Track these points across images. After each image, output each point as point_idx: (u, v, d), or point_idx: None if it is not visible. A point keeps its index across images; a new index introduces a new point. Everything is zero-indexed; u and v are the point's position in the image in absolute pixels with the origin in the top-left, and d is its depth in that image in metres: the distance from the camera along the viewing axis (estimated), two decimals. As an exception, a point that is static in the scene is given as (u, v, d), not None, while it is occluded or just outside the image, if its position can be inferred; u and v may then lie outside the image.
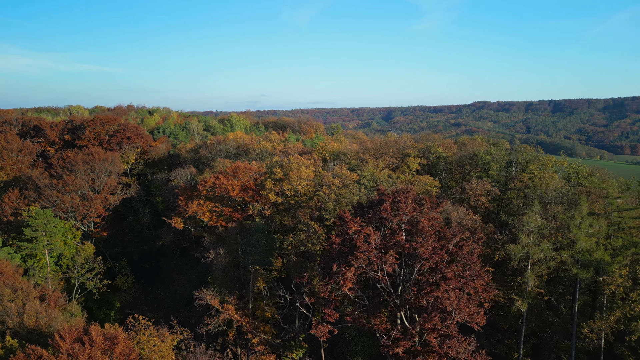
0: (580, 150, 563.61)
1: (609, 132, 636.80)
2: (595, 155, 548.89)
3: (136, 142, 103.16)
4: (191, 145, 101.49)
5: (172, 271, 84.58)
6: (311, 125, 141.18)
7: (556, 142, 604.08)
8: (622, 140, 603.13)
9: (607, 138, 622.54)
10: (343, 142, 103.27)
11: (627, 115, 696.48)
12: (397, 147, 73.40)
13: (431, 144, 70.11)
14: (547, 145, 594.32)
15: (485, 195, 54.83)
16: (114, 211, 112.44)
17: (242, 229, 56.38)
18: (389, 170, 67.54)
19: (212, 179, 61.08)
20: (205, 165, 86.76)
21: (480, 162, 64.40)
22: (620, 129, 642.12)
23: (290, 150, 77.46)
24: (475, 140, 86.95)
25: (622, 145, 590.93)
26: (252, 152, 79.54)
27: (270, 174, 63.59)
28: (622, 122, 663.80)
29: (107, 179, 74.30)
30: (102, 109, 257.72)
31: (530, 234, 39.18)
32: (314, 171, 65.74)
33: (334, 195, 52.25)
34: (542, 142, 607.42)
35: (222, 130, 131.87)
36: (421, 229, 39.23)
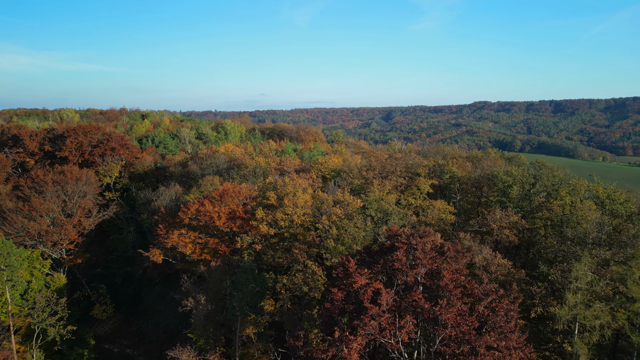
0: (583, 151, 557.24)
1: (610, 133, 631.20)
2: (597, 156, 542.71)
3: (120, 154, 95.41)
4: (180, 158, 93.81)
5: (156, 298, 76.93)
6: (310, 132, 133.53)
7: (558, 143, 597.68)
8: (624, 141, 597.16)
9: (609, 139, 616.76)
10: (344, 153, 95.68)
11: (628, 115, 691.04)
12: (405, 165, 65.79)
13: (444, 162, 62.44)
14: (549, 146, 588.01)
15: (510, 228, 47.27)
16: (98, 227, 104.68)
17: (229, 266, 48.78)
18: (397, 192, 59.96)
19: (196, 205, 53.43)
20: (194, 181, 79.17)
21: (500, 184, 56.81)
22: (622, 129, 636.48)
23: (286, 167, 69.84)
24: (489, 154, 79.31)
25: (624, 147, 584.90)
26: (244, 169, 71.90)
27: (263, 198, 55.97)
28: (624, 123, 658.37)
29: (81, 201, 66.60)
30: (94, 112, 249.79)
31: (578, 291, 31.74)
32: (313, 193, 58.13)
33: (335, 230, 44.64)
34: (543, 143, 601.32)
35: (215, 139, 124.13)
36: (444, 285, 31.66)
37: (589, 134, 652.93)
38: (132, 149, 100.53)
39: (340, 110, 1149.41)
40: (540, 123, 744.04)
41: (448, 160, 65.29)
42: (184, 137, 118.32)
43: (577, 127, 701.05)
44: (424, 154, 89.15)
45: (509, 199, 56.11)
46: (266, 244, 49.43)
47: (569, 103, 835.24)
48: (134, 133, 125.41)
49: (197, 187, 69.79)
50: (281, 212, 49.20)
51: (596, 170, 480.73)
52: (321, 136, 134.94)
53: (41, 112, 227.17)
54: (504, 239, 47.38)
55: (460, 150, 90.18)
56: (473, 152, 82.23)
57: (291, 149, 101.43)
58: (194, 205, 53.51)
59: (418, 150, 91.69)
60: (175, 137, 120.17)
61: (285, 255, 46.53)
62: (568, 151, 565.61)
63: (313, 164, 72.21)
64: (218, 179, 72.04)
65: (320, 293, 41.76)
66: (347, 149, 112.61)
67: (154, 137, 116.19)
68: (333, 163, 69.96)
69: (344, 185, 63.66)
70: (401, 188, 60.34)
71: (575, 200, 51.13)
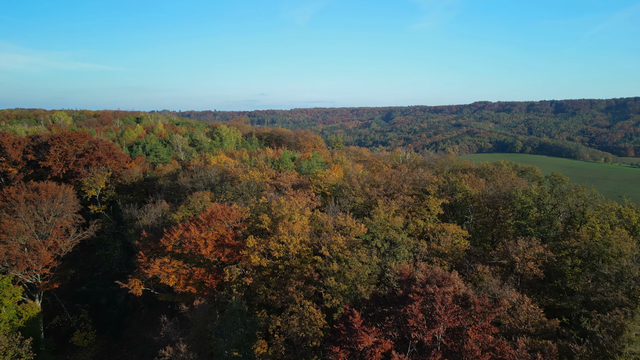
0: (584, 152, 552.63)
1: (612, 134, 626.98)
2: (599, 157, 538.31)
3: (107, 164, 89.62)
4: (170, 168, 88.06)
5: (142, 323, 71.29)
6: (309, 137, 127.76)
7: (559, 144, 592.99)
8: (626, 142, 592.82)
9: (610, 139, 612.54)
10: (345, 163, 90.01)
11: (630, 116, 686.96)
12: (412, 181, 60.11)
13: (455, 179, 56.72)
14: (551, 147, 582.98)
15: (535, 260, 41.61)
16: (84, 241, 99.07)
17: (215, 302, 43.11)
18: (404, 212, 54.29)
19: (180, 230, 47.73)
20: (184, 194, 73.46)
21: (518, 205, 51.13)
22: (623, 130, 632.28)
23: (283, 183, 64.11)
24: (501, 167, 73.62)
25: (626, 147, 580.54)
26: (237, 183, 66.16)
27: (255, 221, 50.29)
28: (625, 124, 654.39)
29: (58, 221, 60.85)
30: (88, 114, 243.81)
31: (631, 355, 26.18)
32: (312, 214, 52.45)
33: (336, 264, 38.92)
34: (545, 144, 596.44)
35: (209, 145, 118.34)
36: (469, 350, 26.02)
37: (590, 135, 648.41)
38: (120, 158, 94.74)
39: (340, 110, 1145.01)
40: (541, 123, 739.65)
41: (459, 177, 59.61)
42: (176, 144, 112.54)
43: (578, 127, 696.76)
44: (430, 164, 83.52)
45: (528, 221, 50.44)
46: (258, 276, 43.74)
47: (569, 103, 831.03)
48: (125, 139, 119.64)
49: (185, 204, 64.09)
50: (275, 241, 43.51)
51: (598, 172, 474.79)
52: (320, 142, 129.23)
53: (33, 115, 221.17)
54: (527, 272, 41.72)
55: (468, 162, 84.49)
56: (484, 163, 76.57)
57: (288, 158, 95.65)
58: (178, 231, 47.80)
59: (423, 160, 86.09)
60: (167, 144, 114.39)
61: (279, 292, 40.83)
62: (570, 152, 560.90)
63: (312, 178, 66.53)
64: (209, 194, 66.37)
65: (319, 340, 36.10)
66: (348, 158, 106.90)
67: (145, 144, 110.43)
68: (333, 178, 64.25)
69: (345, 204, 58.00)
70: (409, 208, 54.63)
71: (605, 227, 45.53)
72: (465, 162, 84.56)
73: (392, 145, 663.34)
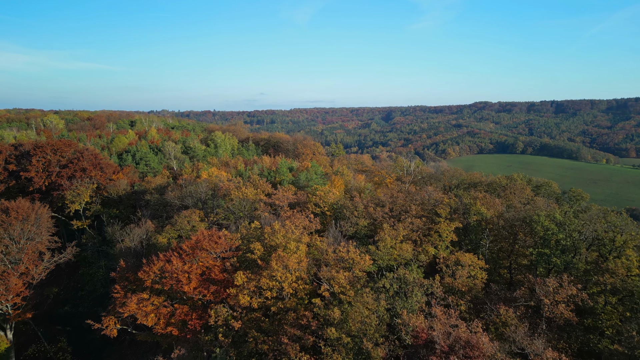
0: (586, 153, 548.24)
1: (613, 135, 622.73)
2: (600, 158, 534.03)
3: (92, 175, 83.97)
4: (160, 180, 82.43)
5: (125, 354, 65.72)
6: (308, 144, 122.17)
7: (560, 145, 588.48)
8: (627, 143, 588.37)
9: (611, 140, 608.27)
10: (346, 174, 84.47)
11: (631, 116, 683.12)
12: (420, 201, 54.57)
13: (469, 200, 51.17)
14: (552, 148, 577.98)
15: (566, 303, 36.13)
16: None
17: (200, 347, 37.58)
18: (413, 236, 48.80)
19: (161, 263, 42.17)
20: (172, 210, 67.91)
21: (540, 231, 45.61)
22: (624, 131, 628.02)
23: (279, 201, 58.51)
24: (515, 182, 68.07)
25: (628, 148, 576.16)
26: (228, 201, 60.58)
27: (246, 251, 44.77)
28: (627, 124, 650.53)
29: (30, 244, 55.30)
30: (82, 117, 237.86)
31: None
32: (310, 241, 46.95)
33: (337, 312, 33.35)
34: (546, 145, 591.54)
35: (203, 153, 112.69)
36: None
37: (591, 135, 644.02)
38: (107, 168, 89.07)
39: (339, 110, 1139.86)
40: (541, 124, 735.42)
41: (473, 196, 54.04)
42: (168, 152, 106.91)
43: (579, 128, 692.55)
44: (437, 177, 78.01)
45: (552, 250, 44.93)
46: (248, 318, 38.19)
47: (570, 103, 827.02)
48: (115, 147, 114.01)
49: (172, 225, 58.54)
50: (267, 277, 37.95)
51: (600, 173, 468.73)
52: (320, 149, 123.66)
53: (24, 118, 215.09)
54: (557, 316, 36.21)
55: (478, 174, 79.02)
56: (496, 178, 71.04)
57: (286, 168, 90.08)
58: (158, 262, 42.22)
59: (430, 172, 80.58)
60: (159, 152, 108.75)
61: (271, 339, 35.27)
62: (571, 153, 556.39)
63: (310, 194, 60.97)
64: (198, 214, 60.83)
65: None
66: (349, 168, 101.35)
67: (135, 153, 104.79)
68: (333, 196, 58.69)
69: (347, 226, 52.47)
70: (418, 233, 49.09)
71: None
72: (475, 175, 79.08)
73: (392, 146, 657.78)
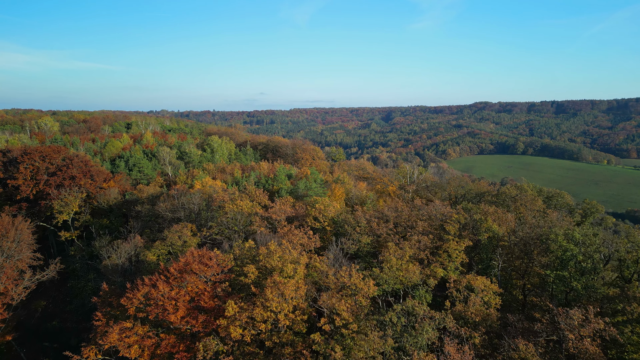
0: (587, 154, 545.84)
1: (614, 135, 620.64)
2: (602, 159, 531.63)
3: (81, 184, 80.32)
4: (152, 190, 78.82)
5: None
6: (307, 149, 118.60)
7: (561, 145, 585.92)
8: (628, 144, 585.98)
9: (612, 141, 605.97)
10: (346, 182, 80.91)
11: (631, 117, 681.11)
12: (427, 216, 50.99)
13: (480, 216, 47.59)
14: (552, 148, 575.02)
15: (592, 338, 32.58)
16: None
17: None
18: (421, 255, 45.25)
19: (146, 288, 38.57)
20: (164, 223, 64.30)
21: (558, 251, 42.07)
22: (625, 131, 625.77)
23: (275, 215, 54.88)
24: (525, 192, 64.46)
25: (629, 149, 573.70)
26: (222, 215, 56.96)
27: (238, 274, 41.23)
28: (627, 125, 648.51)
29: (9, 263, 51.70)
30: (78, 119, 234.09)
31: None
32: (308, 262, 43.41)
33: (339, 351, 29.74)
34: (546, 145, 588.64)
35: (199, 159, 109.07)
36: None
37: (592, 136, 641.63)
38: (98, 175, 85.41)
39: (339, 110, 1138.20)
40: (542, 124, 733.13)
41: (483, 210, 50.48)
42: (163, 158, 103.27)
43: (580, 128, 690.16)
44: (442, 185, 74.46)
45: (572, 274, 41.39)
46: (240, 352, 34.59)
47: (570, 104, 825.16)
48: (108, 152, 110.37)
49: (161, 240, 54.95)
50: (261, 308, 34.37)
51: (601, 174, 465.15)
52: (319, 153, 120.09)
53: (19, 120, 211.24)
54: (582, 351, 32.65)
55: (485, 182, 75.53)
56: (505, 188, 67.50)
57: (284, 175, 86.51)
58: (143, 288, 38.61)
59: (435, 180, 76.99)
60: (153, 158, 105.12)
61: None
62: (572, 154, 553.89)
63: (309, 207, 57.38)
64: (190, 228, 57.23)
65: None
66: (350, 174, 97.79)
67: (128, 158, 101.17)
68: (334, 209, 55.10)
69: (348, 244, 48.92)
70: (426, 252, 45.51)
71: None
72: (482, 184, 75.53)
73: (392, 147, 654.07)
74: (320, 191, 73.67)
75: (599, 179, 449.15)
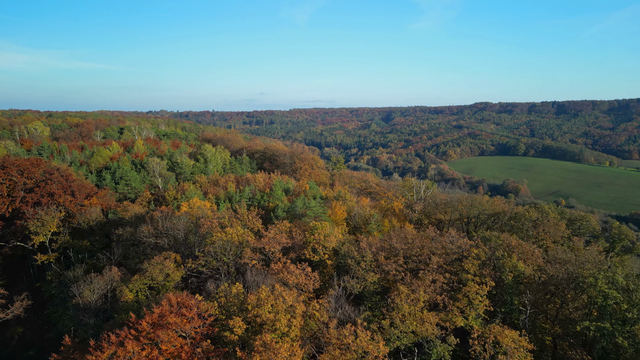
0: (589, 155, 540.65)
1: (615, 136, 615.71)
2: (604, 161, 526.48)
3: (60, 202, 73.91)
4: (137, 209, 72.45)
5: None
6: (306, 158, 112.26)
7: (563, 147, 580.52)
8: (630, 145, 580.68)
9: (614, 142, 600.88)
10: (348, 199, 74.59)
11: (633, 117, 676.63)
12: (442, 249, 44.69)
13: (503, 253, 41.27)
14: (554, 150, 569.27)
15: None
16: (35, 292, 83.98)
17: None
18: (437, 299, 38.96)
19: (112, 348, 32.24)
20: (148, 249, 57.91)
21: (599, 298, 35.79)
22: (627, 132, 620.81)
23: (269, 247, 48.48)
24: (547, 215, 58.07)
25: (630, 150, 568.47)
26: (209, 244, 50.59)
27: (223, 328, 34.91)
28: (629, 125, 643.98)
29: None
30: (70, 122, 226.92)
31: None
32: (305, 312, 37.10)
33: None
34: (548, 147, 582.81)
35: (190, 171, 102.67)
36: None
37: (593, 137, 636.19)
38: (80, 191, 78.98)
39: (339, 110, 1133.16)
40: (543, 125, 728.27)
41: (505, 242, 44.16)
42: (152, 170, 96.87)
43: (581, 129, 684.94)
44: (453, 204, 68.16)
45: (614, 326, 35.11)
46: None
47: (571, 104, 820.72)
48: (94, 162, 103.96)
49: (141, 274, 48.60)
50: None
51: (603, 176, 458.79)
52: (319, 162, 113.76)
53: (8, 125, 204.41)
54: None
55: (499, 200, 69.15)
56: (523, 209, 61.17)
57: (281, 191, 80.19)
58: (109, 348, 32.28)
59: (446, 199, 70.62)
60: (141, 170, 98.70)
61: None
62: (574, 155, 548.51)
63: (308, 234, 51.03)
64: (173, 258, 50.89)
65: None
66: (351, 188, 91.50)
67: (115, 170, 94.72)
68: (335, 239, 48.77)
69: (352, 283, 42.63)
70: (443, 296, 39.18)
71: None
72: (497, 202, 69.20)
73: (392, 148, 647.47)
74: (319, 210, 67.31)
75: (602, 181, 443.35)
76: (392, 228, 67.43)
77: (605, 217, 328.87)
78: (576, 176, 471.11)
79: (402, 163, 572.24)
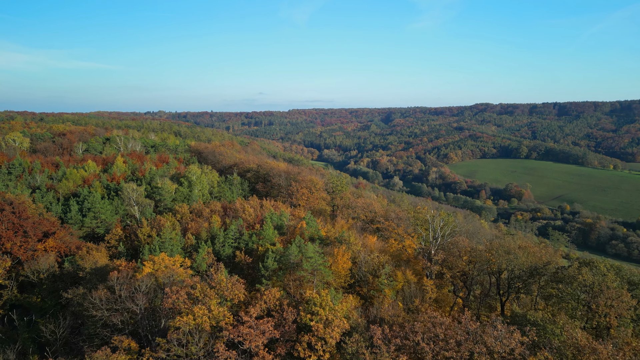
0: (592, 158, 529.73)
1: (618, 138, 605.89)
2: (607, 164, 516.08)
3: (8, 247, 61.53)
4: (100, 257, 59.97)
5: None
6: (305, 180, 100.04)
7: (565, 149, 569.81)
8: (634, 147, 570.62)
9: (617, 144, 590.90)
10: (353, 243, 62.26)
11: (636, 119, 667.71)
12: (485, 350, 32.48)
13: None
14: (557, 152, 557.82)
15: None
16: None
17: None
18: None
19: None
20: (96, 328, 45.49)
21: None
22: (630, 134, 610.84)
23: (250, 337, 36.16)
24: (605, 277, 45.92)
25: (634, 153, 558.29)
26: (173, 329, 38.27)
27: None
28: (632, 127, 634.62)
29: None
30: (55, 131, 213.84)
31: None
32: None
33: None
34: (550, 149, 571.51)
35: (172, 197, 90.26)
36: None
37: (596, 139, 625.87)
38: (35, 230, 66.58)
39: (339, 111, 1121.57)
40: (544, 127, 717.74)
41: (570, 344, 31.93)
42: (128, 197, 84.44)
43: (584, 131, 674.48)
44: (479, 254, 55.80)
45: None
46: None
47: (573, 106, 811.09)
48: (63, 187, 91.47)
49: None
50: None
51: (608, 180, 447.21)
52: (318, 185, 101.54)
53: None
54: None
55: (530, 243, 57.31)
56: (572, 270, 49.02)
57: (272, 230, 67.96)
58: None
59: (470, 245, 58.18)
60: (114, 197, 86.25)
61: None
62: (577, 158, 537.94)
63: (303, 312, 38.84)
64: (128, 344, 38.55)
65: None
66: (355, 224, 79.24)
67: (85, 198, 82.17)
68: (338, 329, 36.51)
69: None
70: None
71: None
72: (529, 246, 57.18)
73: (393, 150, 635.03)
74: (318, 260, 55.03)
75: (606, 185, 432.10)
76: (407, 283, 55.31)
77: (612, 224, 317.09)
78: (580, 180, 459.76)
79: (403, 166, 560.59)
